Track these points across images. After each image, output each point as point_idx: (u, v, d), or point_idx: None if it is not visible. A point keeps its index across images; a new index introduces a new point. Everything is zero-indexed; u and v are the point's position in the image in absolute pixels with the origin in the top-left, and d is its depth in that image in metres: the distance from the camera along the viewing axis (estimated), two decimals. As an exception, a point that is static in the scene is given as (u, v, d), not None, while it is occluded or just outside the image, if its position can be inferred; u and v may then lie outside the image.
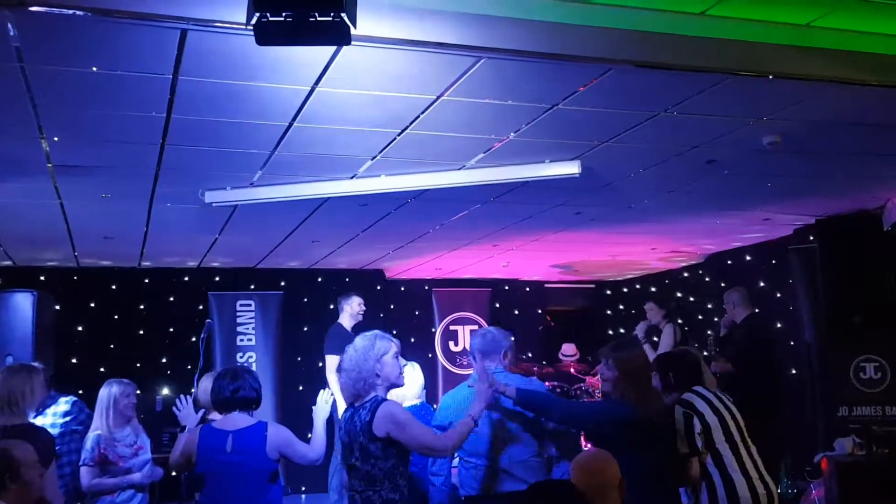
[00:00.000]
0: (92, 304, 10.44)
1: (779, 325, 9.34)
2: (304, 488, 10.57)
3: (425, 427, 4.11)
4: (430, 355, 11.92)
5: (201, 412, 5.04)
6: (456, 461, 4.65)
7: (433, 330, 12.36)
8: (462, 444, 4.16)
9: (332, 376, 8.39)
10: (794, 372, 9.05)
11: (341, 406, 6.05)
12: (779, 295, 9.58)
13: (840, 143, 5.76)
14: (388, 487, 3.89)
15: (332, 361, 8.38)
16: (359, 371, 4.03)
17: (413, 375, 5.48)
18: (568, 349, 11.62)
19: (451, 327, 12.44)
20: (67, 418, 5.77)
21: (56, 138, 5.09)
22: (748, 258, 10.34)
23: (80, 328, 10.32)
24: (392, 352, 4.11)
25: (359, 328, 8.79)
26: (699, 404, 4.54)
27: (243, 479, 4.32)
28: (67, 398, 5.90)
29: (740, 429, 4.59)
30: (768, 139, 5.50)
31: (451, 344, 12.32)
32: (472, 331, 4.94)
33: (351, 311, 8.68)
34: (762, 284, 9.86)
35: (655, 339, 9.50)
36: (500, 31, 3.85)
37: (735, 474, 4.44)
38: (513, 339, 4.70)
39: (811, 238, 8.45)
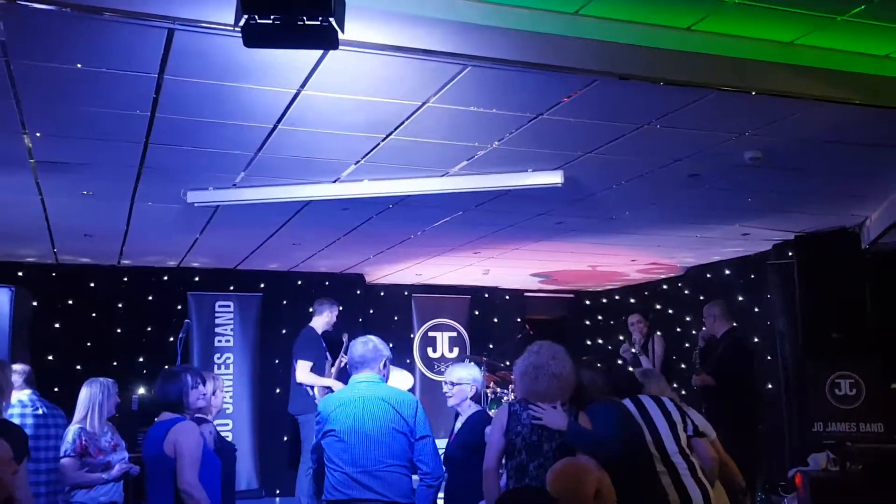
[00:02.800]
0: (70, 302, 10.35)
1: (756, 340, 9.40)
2: (278, 491, 10.52)
3: None
4: (408, 361, 11.92)
5: None
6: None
7: (412, 336, 12.36)
8: None
9: (308, 379, 8.34)
10: (770, 387, 9.11)
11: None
12: (756, 309, 9.64)
13: (821, 160, 5.82)
14: None
15: (304, 366, 8.34)
16: (570, 379, 4.37)
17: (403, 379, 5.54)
18: None
19: (430, 333, 12.45)
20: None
21: (39, 134, 5.06)
22: (727, 272, 10.41)
23: (57, 325, 10.22)
24: None
25: (328, 333, 8.78)
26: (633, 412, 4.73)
27: (154, 469, 4.39)
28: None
29: (676, 436, 4.68)
30: (750, 155, 5.55)
31: (430, 350, 12.32)
32: (352, 339, 4.88)
33: (329, 319, 8.67)
34: (740, 299, 9.93)
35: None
36: (486, 39, 3.86)
37: (664, 477, 4.56)
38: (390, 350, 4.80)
39: (790, 254, 8.51)
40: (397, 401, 4.49)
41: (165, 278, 10.75)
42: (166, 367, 4.89)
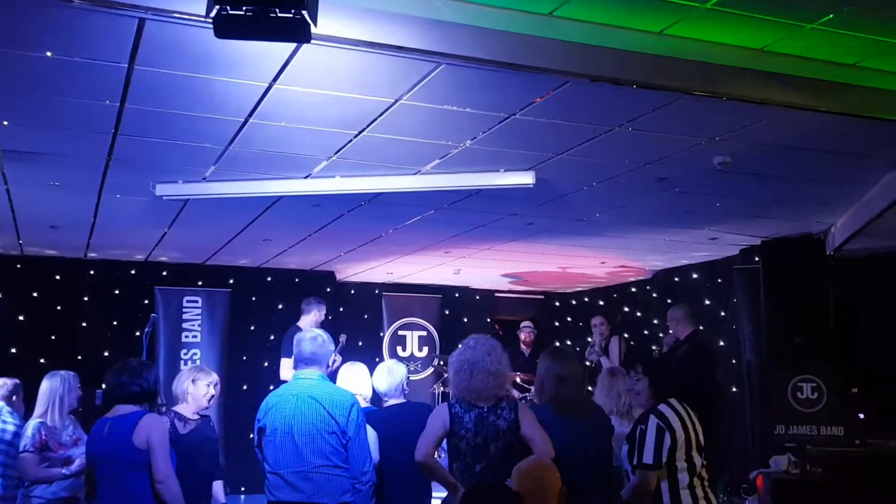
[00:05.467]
0: (35, 294, 10.23)
1: (722, 344, 9.49)
2: (243, 488, 10.46)
3: None
4: (377, 359, 11.87)
5: None
6: None
7: (381, 334, 12.34)
8: None
9: (289, 376, 8.31)
10: (734, 390, 9.21)
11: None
12: (723, 314, 9.74)
13: (789, 166, 5.89)
14: None
15: (286, 363, 8.31)
16: (504, 376, 4.36)
17: (363, 376, 5.51)
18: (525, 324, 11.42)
19: (400, 332, 12.44)
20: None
21: (6, 122, 4.99)
22: (695, 276, 10.50)
23: (21, 318, 10.10)
24: None
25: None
26: (673, 419, 4.51)
27: (111, 464, 4.34)
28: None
29: (700, 446, 4.59)
30: (719, 159, 5.60)
31: (399, 349, 12.31)
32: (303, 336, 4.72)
33: (316, 318, 8.61)
34: (707, 302, 10.02)
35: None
36: (460, 38, 3.87)
37: (684, 493, 4.46)
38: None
39: (756, 259, 8.61)
40: (330, 400, 4.37)
41: (133, 272, 10.65)
42: (134, 358, 4.81)
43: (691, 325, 7.90)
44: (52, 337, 10.14)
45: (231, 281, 11.01)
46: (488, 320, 13.16)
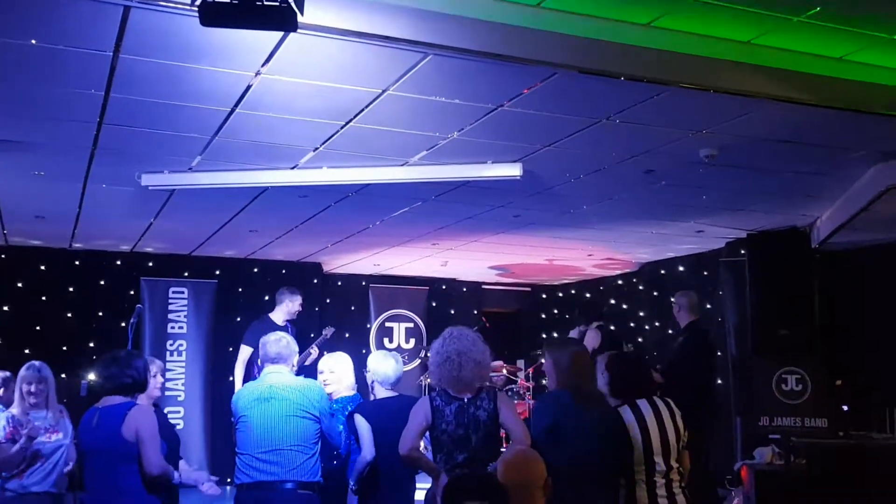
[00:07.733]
0: (19, 284, 10.18)
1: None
2: (229, 479, 10.43)
3: None
4: (364, 351, 11.87)
5: None
6: None
7: (368, 326, 12.34)
8: None
9: (238, 369, 8.31)
10: (719, 381, 9.25)
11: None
12: (709, 306, 9.77)
13: (775, 159, 5.91)
14: None
15: (242, 352, 8.26)
16: (488, 366, 4.45)
17: (346, 365, 5.52)
18: None
19: (387, 324, 12.46)
20: None
21: (-11, 111, 4.96)
22: (681, 269, 10.54)
23: (5, 308, 10.05)
24: None
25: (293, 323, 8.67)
26: (629, 420, 4.39)
27: (101, 455, 4.37)
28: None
29: (667, 449, 4.40)
30: (705, 152, 5.62)
31: (386, 340, 12.32)
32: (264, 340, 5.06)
33: (289, 308, 8.46)
34: (693, 295, 10.05)
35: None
36: (448, 28, 3.86)
37: (640, 492, 4.34)
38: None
39: (742, 252, 8.64)
40: (308, 389, 4.83)
41: (118, 263, 10.61)
42: (122, 349, 4.82)
43: (692, 315, 7.81)
44: (37, 328, 10.09)
45: (217, 272, 10.99)
46: (475, 312, 13.18)
